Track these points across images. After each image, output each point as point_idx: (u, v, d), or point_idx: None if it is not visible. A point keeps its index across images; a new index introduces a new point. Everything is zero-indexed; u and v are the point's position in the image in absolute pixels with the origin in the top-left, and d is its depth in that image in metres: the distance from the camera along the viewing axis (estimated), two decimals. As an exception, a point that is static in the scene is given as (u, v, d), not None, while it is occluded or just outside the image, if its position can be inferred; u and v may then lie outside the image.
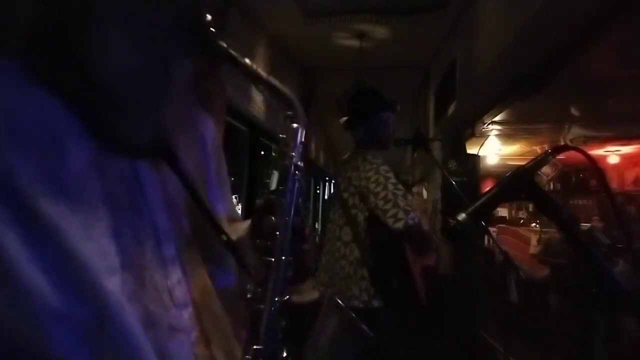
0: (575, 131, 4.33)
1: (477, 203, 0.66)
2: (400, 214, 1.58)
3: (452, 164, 4.17)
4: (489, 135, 4.44)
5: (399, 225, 1.57)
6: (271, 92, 0.55)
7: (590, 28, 1.91)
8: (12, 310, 0.40)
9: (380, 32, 3.75)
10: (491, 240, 3.51)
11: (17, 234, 0.40)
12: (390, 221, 1.60)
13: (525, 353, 3.08)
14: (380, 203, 1.63)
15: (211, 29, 0.53)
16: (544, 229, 5.15)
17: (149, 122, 0.51)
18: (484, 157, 5.31)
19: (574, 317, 3.07)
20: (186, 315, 0.54)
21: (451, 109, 3.73)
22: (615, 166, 6.02)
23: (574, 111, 3.56)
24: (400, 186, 1.68)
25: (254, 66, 0.55)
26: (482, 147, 4.61)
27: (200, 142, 0.66)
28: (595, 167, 0.72)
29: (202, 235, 0.59)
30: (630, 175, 6.28)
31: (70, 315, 0.42)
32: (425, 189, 5.78)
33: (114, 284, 0.45)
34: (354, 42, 3.97)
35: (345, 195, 1.80)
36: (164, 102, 0.52)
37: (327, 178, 8.23)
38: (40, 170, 0.42)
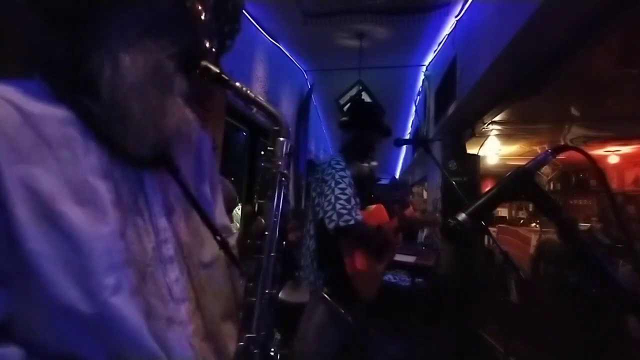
0: (575, 131, 4.32)
1: (477, 203, 0.66)
2: (334, 216, 1.79)
3: (452, 164, 4.16)
4: (489, 135, 4.44)
5: (331, 226, 1.80)
6: (260, 110, 0.62)
7: (590, 28, 1.91)
8: (28, 303, 0.47)
9: (380, 32, 3.75)
10: (491, 240, 3.50)
11: (38, 230, 0.47)
12: (326, 222, 1.82)
13: (525, 353, 3.08)
14: (325, 204, 1.85)
15: (206, 57, 0.60)
16: (544, 229, 5.14)
17: (151, 134, 0.57)
18: (484, 157, 5.30)
19: (574, 317, 3.07)
20: (183, 309, 0.59)
21: (451, 109, 3.73)
22: (615, 166, 6.01)
23: (574, 111, 3.56)
24: (348, 191, 1.85)
25: (244, 88, 0.62)
26: (482, 147, 4.61)
27: (195, 152, 0.72)
28: (595, 167, 0.72)
29: (199, 237, 0.65)
30: (630, 175, 6.27)
31: (75, 308, 0.48)
32: (425, 189, 5.77)
33: (114, 280, 0.51)
34: (354, 42, 3.97)
35: (314, 194, 2.01)
36: (163, 116, 0.58)
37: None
38: (59, 178, 0.50)
